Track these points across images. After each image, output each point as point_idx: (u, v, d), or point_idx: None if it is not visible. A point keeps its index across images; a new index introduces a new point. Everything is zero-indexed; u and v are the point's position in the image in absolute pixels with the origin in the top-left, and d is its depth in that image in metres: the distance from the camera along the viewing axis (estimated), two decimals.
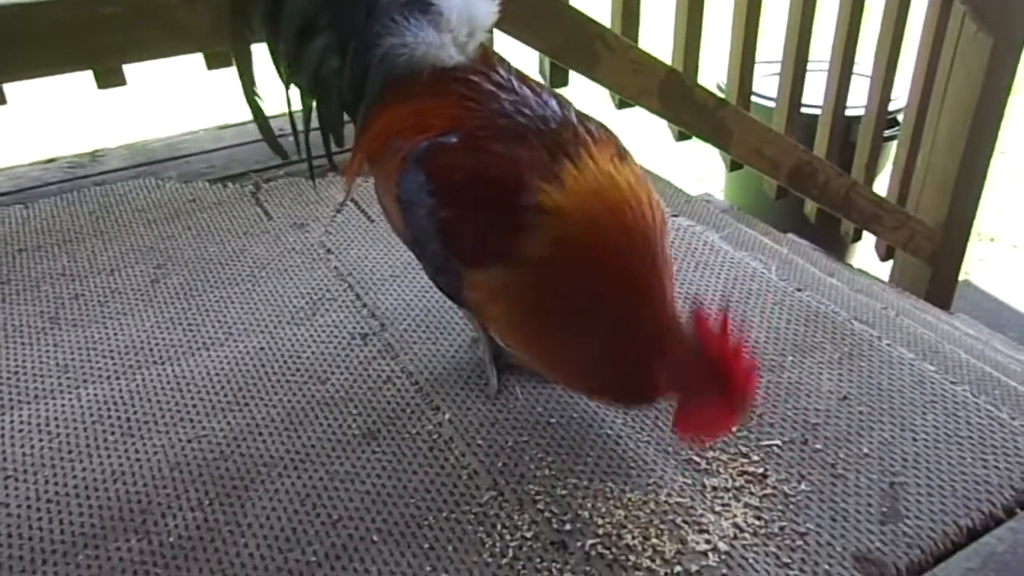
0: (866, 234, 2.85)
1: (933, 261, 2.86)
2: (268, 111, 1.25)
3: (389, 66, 1.11)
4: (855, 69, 2.53)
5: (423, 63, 1.10)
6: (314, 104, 1.20)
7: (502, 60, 1.14)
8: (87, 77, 1.84)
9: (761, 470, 1.13)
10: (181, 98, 4.19)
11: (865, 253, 3.15)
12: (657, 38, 2.33)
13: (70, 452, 1.18)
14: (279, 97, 1.21)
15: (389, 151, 1.11)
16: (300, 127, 1.22)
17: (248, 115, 1.26)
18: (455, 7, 1.10)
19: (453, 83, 1.09)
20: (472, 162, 1.02)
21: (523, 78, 1.12)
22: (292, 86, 1.20)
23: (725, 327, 0.90)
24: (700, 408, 0.94)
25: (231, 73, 2.01)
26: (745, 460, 1.15)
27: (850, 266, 2.80)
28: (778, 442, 1.17)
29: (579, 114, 1.07)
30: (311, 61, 1.16)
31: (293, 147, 1.25)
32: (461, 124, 1.05)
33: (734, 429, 1.15)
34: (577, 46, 2.09)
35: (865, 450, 1.16)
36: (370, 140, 1.15)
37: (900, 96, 2.80)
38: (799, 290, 1.51)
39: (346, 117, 1.22)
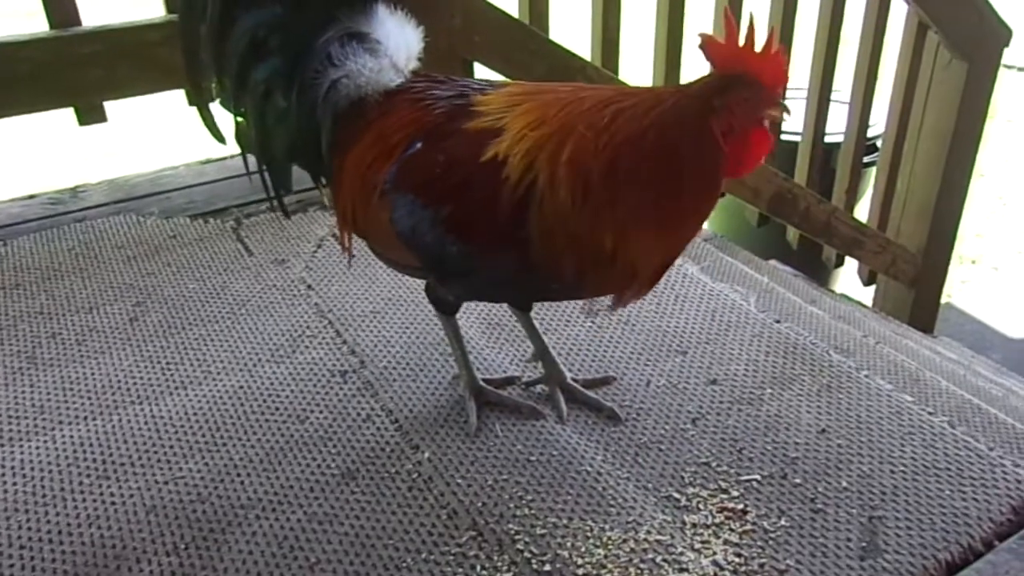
0: (849, 259, 2.87)
1: (915, 285, 2.88)
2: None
3: (335, 99, 1.12)
4: (833, 96, 2.56)
5: (368, 90, 1.12)
6: (261, 145, 1.20)
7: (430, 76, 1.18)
8: (68, 113, 1.84)
9: (741, 506, 1.13)
10: (163, 133, 4.20)
11: (848, 278, 3.17)
12: (637, 69, 2.36)
13: (44, 496, 1.17)
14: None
15: (369, 193, 1.11)
16: (256, 167, 1.22)
17: (229, 150, 1.27)
18: (390, 34, 1.14)
19: (399, 96, 1.12)
20: (443, 153, 1.05)
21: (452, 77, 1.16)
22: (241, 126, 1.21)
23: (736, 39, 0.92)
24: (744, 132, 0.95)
25: (211, 108, 2.02)
26: (725, 496, 1.14)
27: (833, 292, 2.82)
28: (758, 477, 1.17)
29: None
30: (256, 97, 1.16)
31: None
32: (420, 127, 1.08)
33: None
34: (558, 79, 2.10)
35: (844, 484, 1.16)
36: (351, 192, 1.14)
37: (879, 122, 2.83)
38: (778, 321, 1.52)
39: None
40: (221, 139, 1.25)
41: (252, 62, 1.14)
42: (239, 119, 1.20)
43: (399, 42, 1.14)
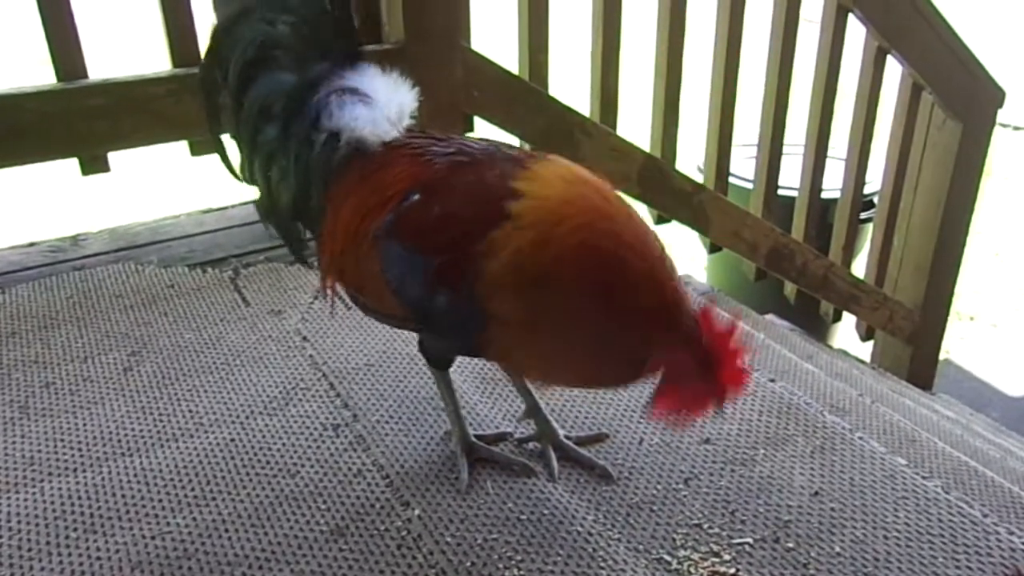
0: (847, 314, 2.87)
1: (913, 341, 2.88)
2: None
3: (330, 152, 1.15)
4: (831, 153, 2.59)
5: (365, 141, 1.14)
6: (267, 206, 1.24)
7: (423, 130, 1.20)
8: (71, 162, 1.86)
9: (732, 570, 1.11)
10: (165, 182, 4.24)
11: (846, 332, 3.17)
12: (635, 124, 2.39)
13: (30, 550, 1.15)
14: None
15: (360, 243, 1.12)
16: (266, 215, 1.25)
17: (232, 199, 1.30)
18: (380, 90, 1.16)
19: (395, 152, 1.14)
20: (439, 207, 1.06)
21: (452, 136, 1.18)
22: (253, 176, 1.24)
23: (732, 329, 0.95)
24: (685, 389, 0.98)
25: (215, 159, 2.05)
26: (716, 560, 1.13)
27: (830, 347, 2.81)
28: (750, 540, 1.16)
29: (512, 147, 1.16)
30: (264, 153, 1.19)
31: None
32: (417, 179, 1.09)
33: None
34: (557, 133, 2.14)
35: (837, 549, 1.15)
36: (340, 242, 1.15)
37: (875, 179, 2.86)
38: (772, 380, 1.52)
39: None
40: (238, 176, 1.27)
41: (261, 126, 1.18)
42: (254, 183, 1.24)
43: (391, 98, 1.16)
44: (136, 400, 1.46)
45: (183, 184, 3.79)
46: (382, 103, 1.15)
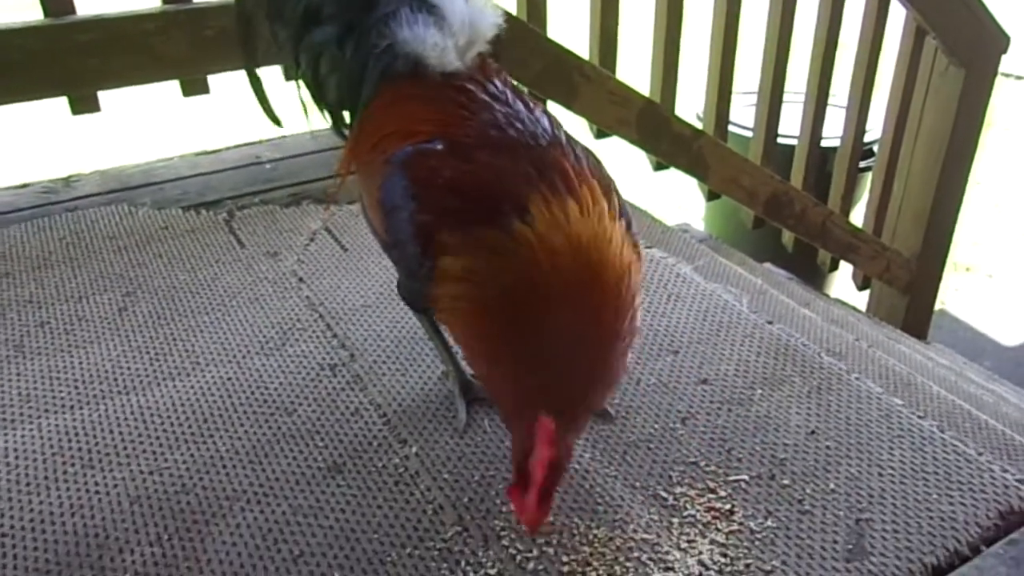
0: (844, 264, 2.87)
1: (909, 291, 2.88)
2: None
3: (387, 62, 1.11)
4: (831, 100, 2.56)
5: (419, 64, 1.09)
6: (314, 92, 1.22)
7: (500, 71, 1.14)
8: (61, 102, 1.83)
9: (728, 506, 1.12)
10: (157, 124, 4.19)
11: (843, 282, 3.17)
12: (635, 69, 2.36)
13: (28, 484, 1.16)
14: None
15: (376, 154, 1.10)
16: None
17: (226, 141, 1.28)
18: (458, 12, 1.09)
19: (447, 89, 1.08)
20: (455, 170, 1.01)
21: (519, 92, 1.11)
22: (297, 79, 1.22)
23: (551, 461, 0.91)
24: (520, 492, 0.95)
25: (206, 100, 2.02)
26: (712, 496, 1.14)
27: (827, 296, 2.82)
28: (745, 477, 1.17)
29: (568, 137, 1.06)
30: (311, 52, 1.17)
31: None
32: (449, 131, 1.05)
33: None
34: (555, 77, 2.11)
35: (832, 486, 1.16)
36: (360, 142, 1.15)
37: (876, 127, 2.83)
38: (770, 323, 1.51)
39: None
40: (276, 121, 1.26)
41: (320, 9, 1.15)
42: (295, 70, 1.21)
43: (465, 23, 1.09)
44: (132, 340, 1.45)
45: (175, 126, 3.74)
46: (455, 27, 1.09)
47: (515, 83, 1.13)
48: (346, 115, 1.23)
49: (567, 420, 0.93)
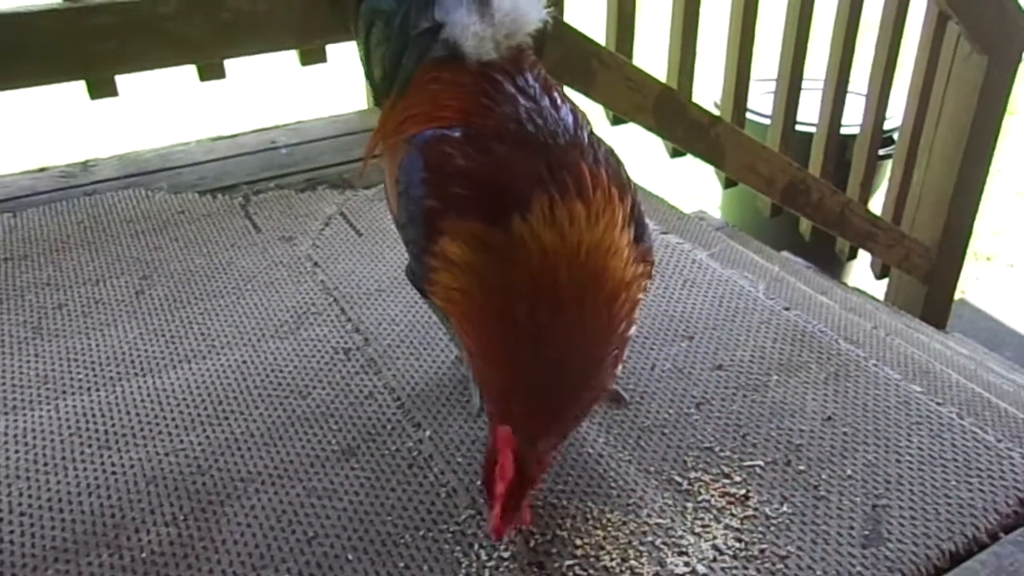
0: (862, 252, 2.84)
1: (929, 280, 2.85)
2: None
3: (425, 44, 1.10)
4: (851, 87, 2.53)
5: (456, 50, 1.08)
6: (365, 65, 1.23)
7: (535, 64, 1.11)
8: (80, 87, 1.84)
9: (743, 491, 1.12)
10: (174, 109, 4.20)
11: (861, 271, 3.14)
12: (652, 56, 2.34)
13: (46, 464, 1.17)
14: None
15: (400, 133, 1.11)
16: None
17: (243, 127, 1.27)
18: (505, 3, 1.07)
19: (478, 77, 1.07)
20: (467, 159, 1.00)
21: (549, 86, 1.09)
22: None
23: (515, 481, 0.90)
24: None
25: (223, 85, 2.02)
26: (727, 481, 1.13)
27: (844, 284, 2.79)
28: (761, 463, 1.16)
29: (592, 136, 1.03)
30: (367, 19, 1.18)
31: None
32: (470, 120, 1.04)
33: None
34: (573, 63, 2.09)
35: (848, 472, 1.15)
36: (388, 120, 1.15)
37: (896, 115, 2.80)
38: (787, 309, 1.50)
39: None
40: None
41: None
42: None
43: (510, 15, 1.07)
44: (148, 322, 1.46)
45: (192, 111, 3.75)
46: (498, 19, 1.07)
47: (547, 77, 1.11)
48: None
49: (529, 435, 0.91)
